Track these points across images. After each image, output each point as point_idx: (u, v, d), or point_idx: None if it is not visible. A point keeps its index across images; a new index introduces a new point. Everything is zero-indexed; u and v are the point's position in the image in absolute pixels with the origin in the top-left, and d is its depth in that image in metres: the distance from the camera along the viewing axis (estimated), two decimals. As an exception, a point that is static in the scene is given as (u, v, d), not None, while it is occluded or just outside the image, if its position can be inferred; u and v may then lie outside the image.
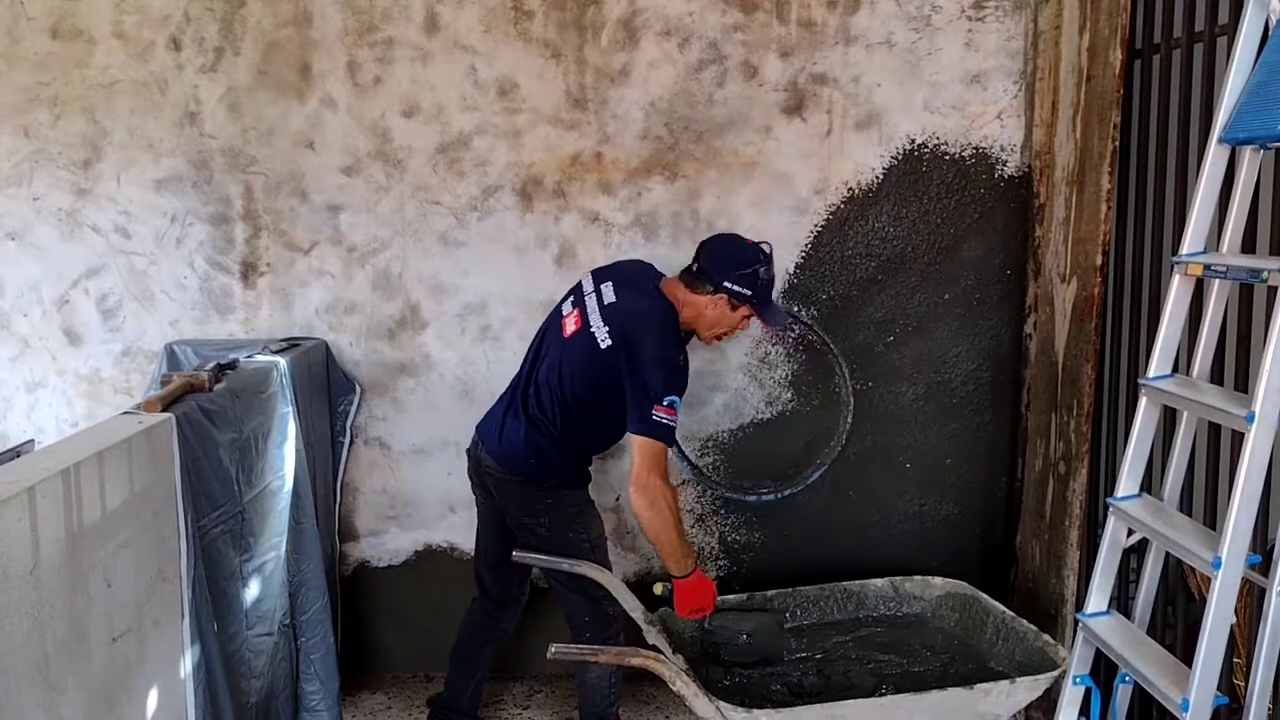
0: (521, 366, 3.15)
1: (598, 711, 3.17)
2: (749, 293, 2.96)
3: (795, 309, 3.59)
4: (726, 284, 2.94)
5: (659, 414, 2.82)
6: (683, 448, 3.65)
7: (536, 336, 3.17)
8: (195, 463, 2.43)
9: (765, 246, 3.02)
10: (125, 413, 2.35)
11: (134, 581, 2.13)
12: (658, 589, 3.04)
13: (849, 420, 3.63)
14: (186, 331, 3.63)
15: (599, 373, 2.91)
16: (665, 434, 2.84)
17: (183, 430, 2.36)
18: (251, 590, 2.81)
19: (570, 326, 3.01)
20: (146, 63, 3.50)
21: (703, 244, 3.06)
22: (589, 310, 2.99)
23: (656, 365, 2.84)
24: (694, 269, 3.00)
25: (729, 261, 2.95)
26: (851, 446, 3.70)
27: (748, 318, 3.05)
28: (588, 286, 3.08)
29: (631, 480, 2.85)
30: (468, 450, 3.22)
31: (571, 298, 3.11)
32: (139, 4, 3.47)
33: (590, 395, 2.95)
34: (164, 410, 2.36)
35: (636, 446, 2.85)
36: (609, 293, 3.01)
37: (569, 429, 2.99)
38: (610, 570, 3.09)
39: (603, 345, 2.90)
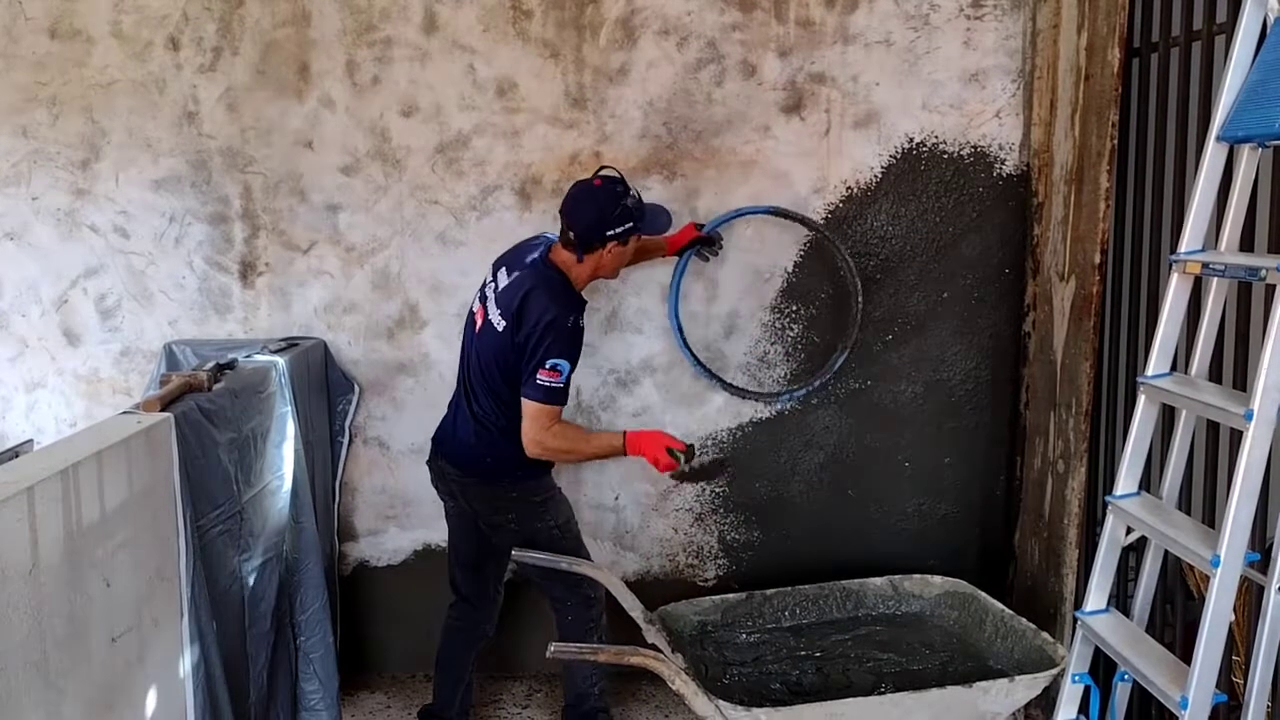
0: (459, 370, 3.18)
1: (581, 690, 3.22)
2: (632, 224, 2.99)
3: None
4: (609, 234, 2.96)
5: (543, 378, 2.87)
6: (710, 369, 3.62)
7: (463, 339, 3.20)
8: (194, 462, 2.42)
9: (611, 172, 3.01)
10: (124, 412, 2.35)
11: (133, 581, 2.13)
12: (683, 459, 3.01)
13: (860, 306, 3.58)
14: (185, 331, 3.62)
15: (507, 357, 2.95)
16: (552, 397, 2.90)
17: (182, 430, 2.36)
18: (250, 590, 2.81)
19: (479, 321, 3.06)
20: (145, 62, 3.50)
21: (563, 211, 3.01)
22: (488, 301, 3.03)
23: (541, 330, 2.88)
24: (571, 239, 2.98)
25: (598, 219, 2.94)
26: (850, 445, 3.70)
27: (639, 237, 3.06)
28: (488, 278, 3.11)
29: (524, 444, 2.93)
30: (428, 461, 3.24)
31: (478, 295, 3.14)
32: (137, 4, 3.47)
33: (507, 382, 2.98)
34: (163, 410, 2.36)
35: (524, 410, 2.92)
36: (503, 278, 3.04)
37: (506, 418, 3.01)
38: (587, 556, 3.12)
39: (499, 328, 2.95)
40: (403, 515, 3.75)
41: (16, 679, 1.68)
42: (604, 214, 2.94)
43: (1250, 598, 2.51)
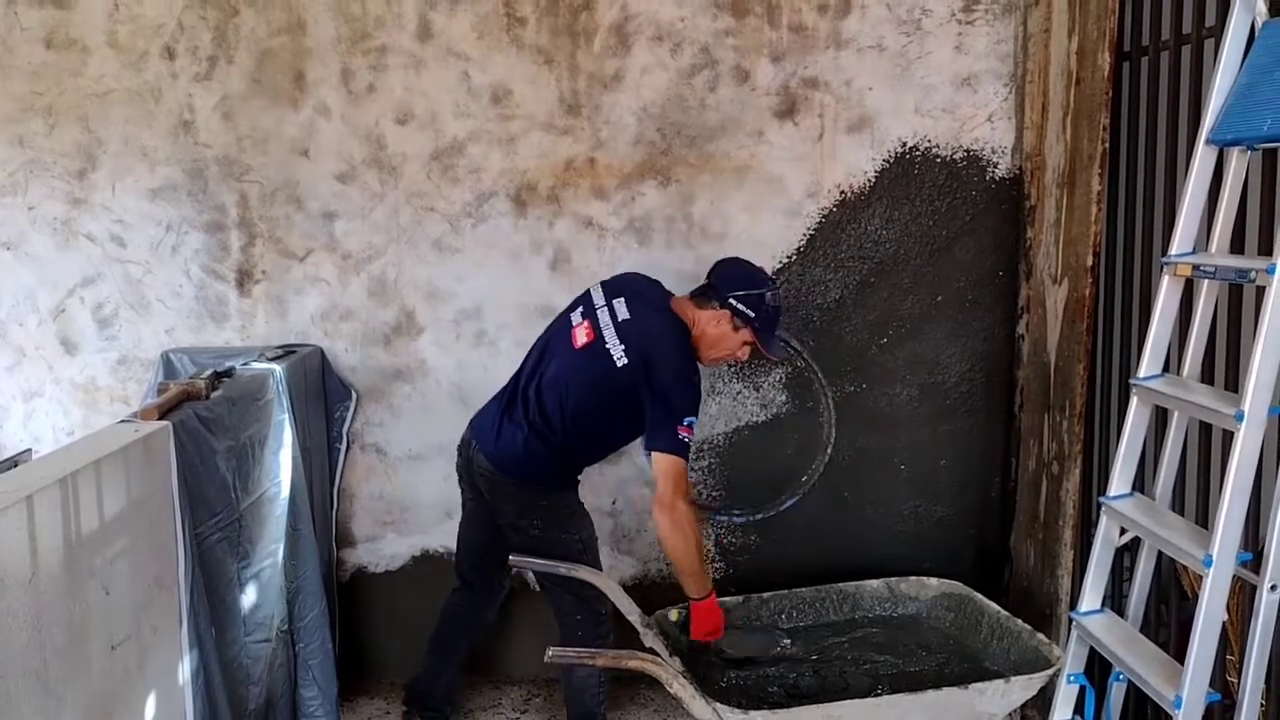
0: (521, 368, 3.15)
1: (586, 711, 3.19)
2: (752, 314, 3.01)
3: (788, 338, 3.61)
4: (732, 300, 2.99)
5: (682, 434, 2.86)
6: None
7: (540, 341, 3.17)
8: (192, 470, 2.43)
9: (775, 280, 3.12)
10: (122, 421, 2.35)
11: (132, 589, 2.14)
12: (673, 614, 3.06)
13: (829, 451, 3.65)
14: (182, 339, 3.63)
15: (611, 389, 2.94)
16: (686, 453, 2.88)
17: (180, 438, 2.37)
18: (249, 597, 2.81)
19: (581, 338, 3.02)
20: (140, 72, 3.51)
21: (717, 263, 3.13)
22: (602, 325, 3.00)
23: (677, 385, 2.89)
24: (706, 283, 3.07)
25: (738, 280, 3.02)
26: (845, 448, 3.71)
27: (748, 344, 3.09)
28: (598, 299, 3.09)
29: (657, 501, 2.86)
30: (459, 446, 3.23)
31: (581, 308, 3.12)
32: (133, 13, 3.48)
33: (597, 408, 2.98)
34: (161, 418, 2.37)
35: (661, 466, 2.86)
36: (622, 309, 3.02)
37: (570, 438, 3.01)
38: (601, 571, 3.11)
39: (619, 363, 2.92)
40: (401, 521, 3.76)
41: (16, 687, 1.69)
42: (748, 281, 3.02)
43: (1243, 597, 2.52)
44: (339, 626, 3.64)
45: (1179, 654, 2.31)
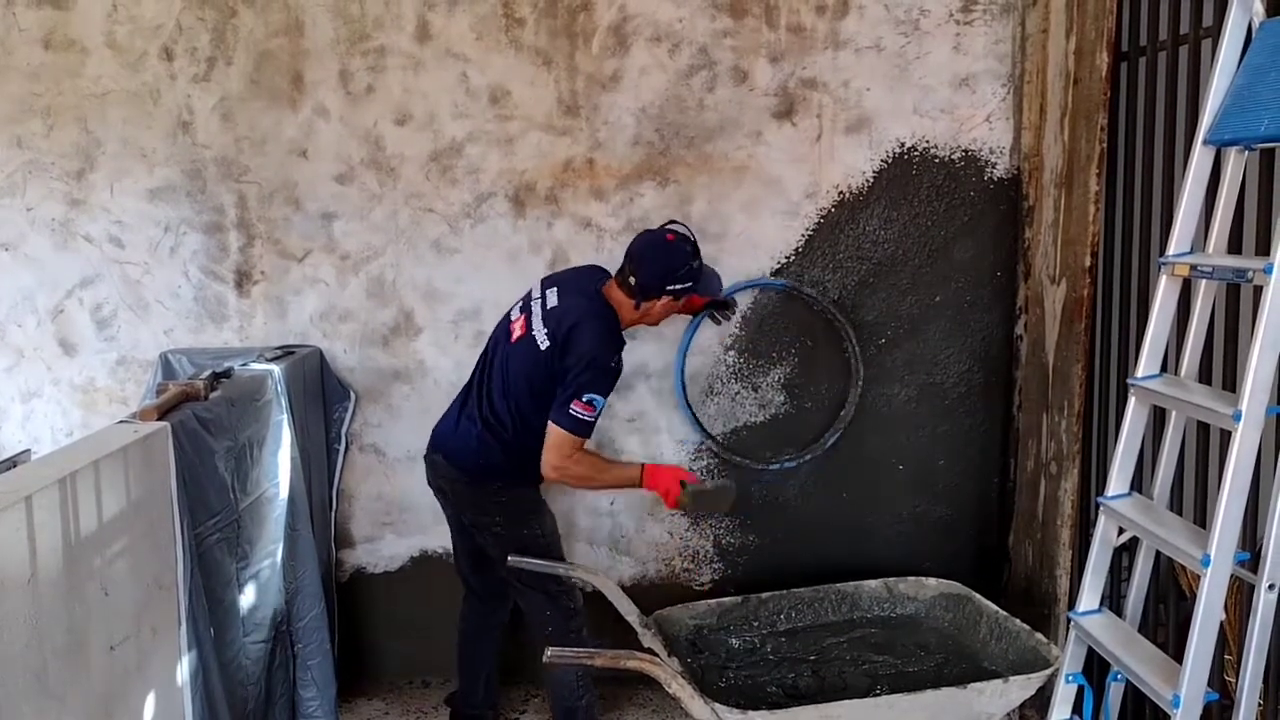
0: (474, 371, 3.21)
1: (568, 706, 3.20)
2: (690, 284, 3.06)
3: (802, 286, 3.61)
4: (669, 288, 3.03)
5: (576, 409, 2.91)
6: (702, 422, 3.67)
7: (489, 341, 3.22)
8: (191, 471, 2.44)
9: (682, 229, 3.09)
10: (121, 422, 2.36)
11: (131, 590, 2.14)
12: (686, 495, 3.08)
13: (860, 386, 3.64)
14: (181, 340, 3.63)
15: (539, 374, 2.98)
16: (580, 429, 2.94)
17: (178, 439, 2.37)
18: (248, 597, 2.82)
19: (517, 331, 3.08)
20: (139, 72, 3.51)
21: (629, 255, 3.06)
22: (533, 315, 3.06)
23: (585, 363, 2.92)
24: (632, 283, 3.03)
25: (663, 273, 3.02)
26: (844, 448, 3.71)
27: (693, 301, 3.20)
28: (535, 293, 3.14)
29: (543, 468, 2.98)
30: (425, 456, 3.26)
31: (520, 304, 3.17)
32: (131, 14, 3.48)
33: (533, 397, 3.01)
34: (160, 419, 2.37)
35: (549, 434, 2.94)
36: (552, 298, 3.08)
37: (519, 433, 3.04)
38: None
39: (542, 347, 2.97)
40: (399, 522, 3.76)
41: (16, 688, 1.69)
42: (672, 269, 3.02)
43: (1241, 596, 2.53)
44: (338, 627, 3.64)
45: (1177, 653, 2.32)
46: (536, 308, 3.07)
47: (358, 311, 3.64)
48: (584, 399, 2.91)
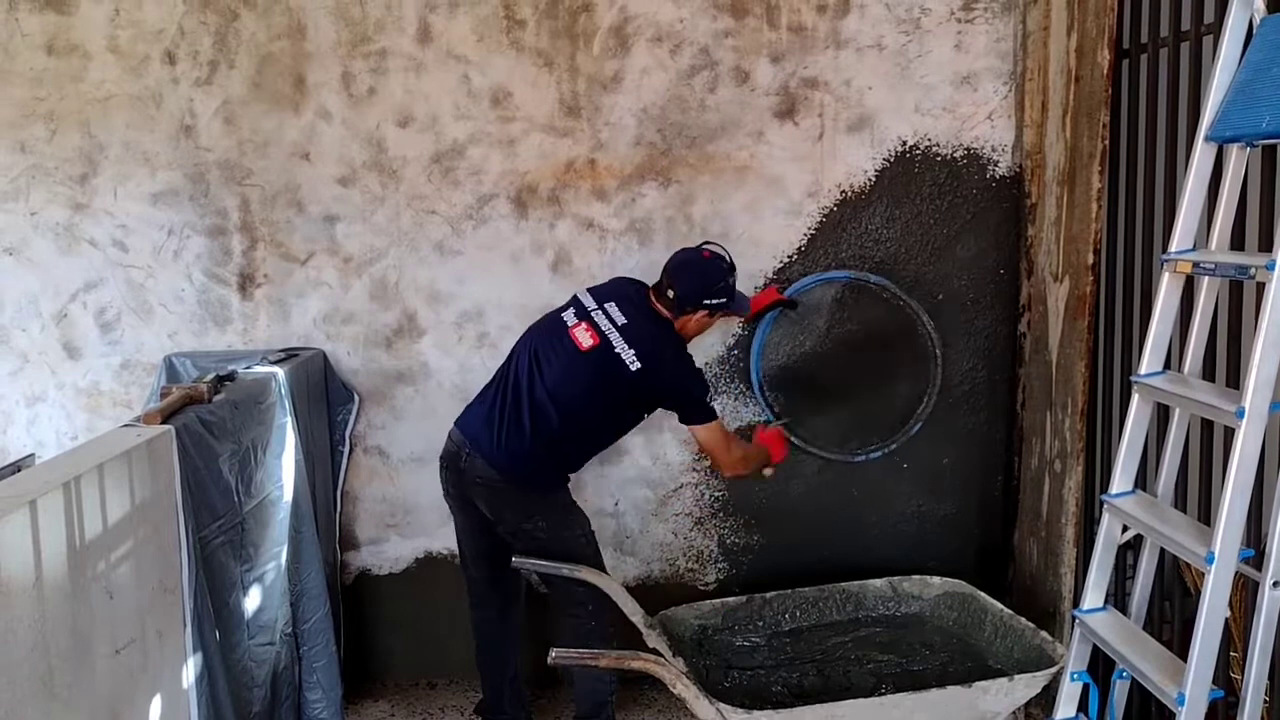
0: (515, 373, 3.14)
1: (599, 700, 3.20)
2: (724, 301, 3.14)
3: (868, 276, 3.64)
4: (706, 302, 3.12)
5: (710, 403, 3.18)
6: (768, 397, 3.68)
7: (526, 344, 3.18)
8: (195, 474, 2.44)
9: (718, 249, 3.19)
10: (125, 425, 2.36)
11: (136, 593, 2.15)
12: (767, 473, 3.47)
13: (939, 375, 3.65)
14: (185, 343, 3.64)
15: (618, 391, 3.06)
16: (717, 415, 3.20)
17: (183, 442, 2.37)
18: (253, 600, 2.82)
19: (586, 341, 3.07)
20: (141, 77, 3.52)
21: (668, 270, 3.15)
22: (604, 330, 3.07)
23: (690, 376, 3.15)
24: (670, 296, 3.11)
25: (701, 288, 3.11)
26: (849, 447, 3.71)
27: (724, 317, 3.30)
28: (589, 303, 3.15)
29: (722, 470, 3.38)
30: (444, 459, 3.22)
31: (573, 310, 3.16)
32: (133, 19, 3.49)
33: (601, 408, 3.10)
34: (164, 422, 2.38)
35: (707, 437, 3.18)
36: (617, 313, 3.11)
37: (568, 439, 3.08)
38: (604, 569, 3.12)
39: (631, 367, 3.02)
40: (404, 524, 3.76)
41: (21, 692, 1.70)
42: (710, 283, 3.12)
43: (1246, 593, 2.52)
44: (343, 629, 3.64)
45: (1182, 651, 2.31)
46: (604, 321, 3.10)
47: (361, 314, 3.65)
48: (707, 398, 3.19)
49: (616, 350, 3.03)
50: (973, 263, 3.64)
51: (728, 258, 3.18)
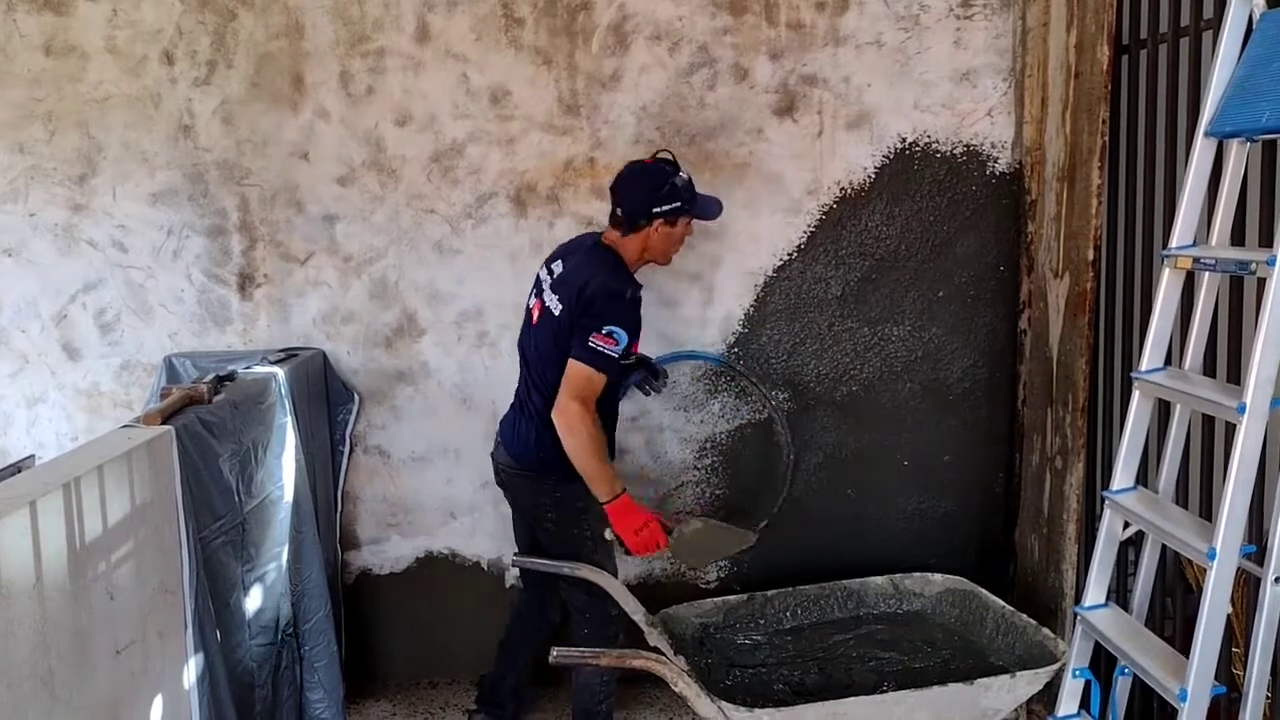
0: (521, 369, 3.19)
1: (586, 709, 3.19)
2: (679, 204, 3.02)
3: (733, 359, 3.65)
4: (655, 211, 2.99)
5: (595, 341, 2.83)
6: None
7: (520, 335, 3.23)
8: (196, 474, 2.44)
9: (664, 154, 3.07)
10: (125, 426, 2.36)
11: (136, 594, 2.15)
12: (608, 534, 2.97)
13: (790, 464, 3.61)
14: (185, 344, 3.64)
15: (565, 339, 2.92)
16: (599, 361, 2.84)
17: (183, 442, 2.37)
18: (254, 600, 2.82)
19: (535, 314, 3.08)
20: (140, 77, 3.52)
21: (613, 189, 3.08)
22: (544, 291, 3.06)
23: (599, 297, 2.88)
24: (618, 214, 3.03)
25: (646, 196, 2.98)
26: (849, 445, 3.71)
27: (688, 222, 3.11)
28: (542, 274, 3.14)
29: (554, 407, 2.87)
30: (491, 454, 3.28)
31: (533, 291, 3.17)
32: (131, 19, 3.49)
33: (561, 370, 2.93)
34: (164, 423, 2.37)
35: (567, 373, 2.86)
36: (558, 268, 3.07)
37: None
38: (614, 571, 3.11)
39: (557, 312, 2.95)
40: (404, 523, 3.76)
41: (22, 693, 1.70)
42: (652, 191, 2.98)
43: (1248, 589, 2.52)
44: (344, 629, 3.64)
45: (1184, 647, 2.31)
46: (546, 285, 3.07)
47: (360, 313, 3.65)
48: (603, 330, 2.82)
49: (549, 305, 2.99)
50: (973, 259, 3.64)
51: (673, 159, 3.06)
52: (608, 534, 2.97)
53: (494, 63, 3.52)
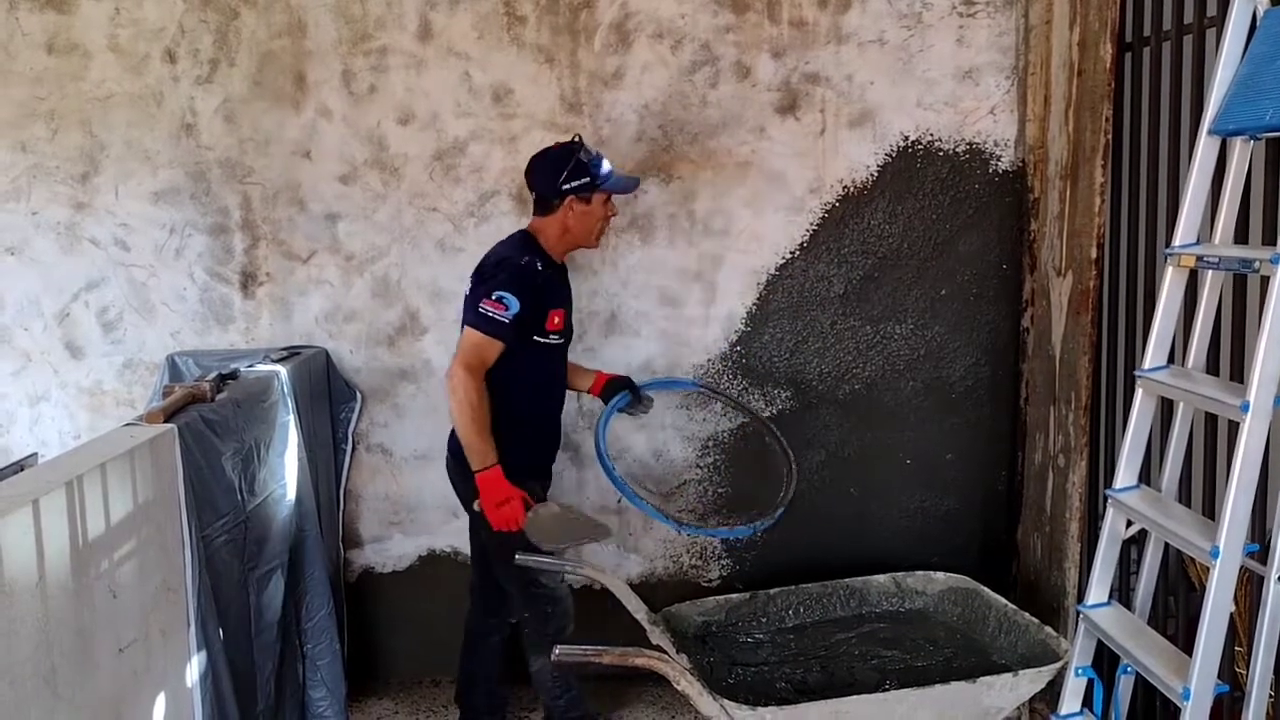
0: None
1: (547, 703, 3.24)
2: (587, 179, 3.02)
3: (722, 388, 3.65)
4: (564, 188, 3.01)
5: (485, 306, 2.89)
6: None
7: None
8: (198, 473, 2.44)
9: (573, 137, 3.08)
10: (128, 424, 2.36)
11: (139, 592, 2.15)
12: (476, 504, 2.96)
13: (793, 473, 3.51)
14: (187, 342, 3.64)
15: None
16: (486, 326, 2.88)
17: (185, 441, 2.37)
18: (256, 598, 2.82)
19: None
20: (142, 75, 3.52)
21: (525, 174, 3.14)
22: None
23: (488, 265, 3.00)
24: (535, 198, 3.09)
25: (552, 173, 3.02)
26: (852, 444, 3.71)
27: (605, 201, 3.11)
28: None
29: (448, 378, 2.92)
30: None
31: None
32: (134, 17, 3.49)
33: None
34: (166, 421, 2.38)
35: (460, 340, 2.94)
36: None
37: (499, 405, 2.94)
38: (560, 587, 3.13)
39: (466, 292, 3.02)
40: (407, 521, 3.76)
41: (25, 691, 1.70)
42: (559, 166, 3.00)
43: (1251, 588, 2.52)
44: (347, 627, 3.64)
45: (1187, 646, 2.31)
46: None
47: (363, 312, 3.65)
48: (493, 296, 2.88)
49: (463, 291, 3.07)
50: (975, 258, 3.63)
51: (579, 139, 3.06)
52: (475, 505, 2.97)
53: (496, 61, 3.52)
